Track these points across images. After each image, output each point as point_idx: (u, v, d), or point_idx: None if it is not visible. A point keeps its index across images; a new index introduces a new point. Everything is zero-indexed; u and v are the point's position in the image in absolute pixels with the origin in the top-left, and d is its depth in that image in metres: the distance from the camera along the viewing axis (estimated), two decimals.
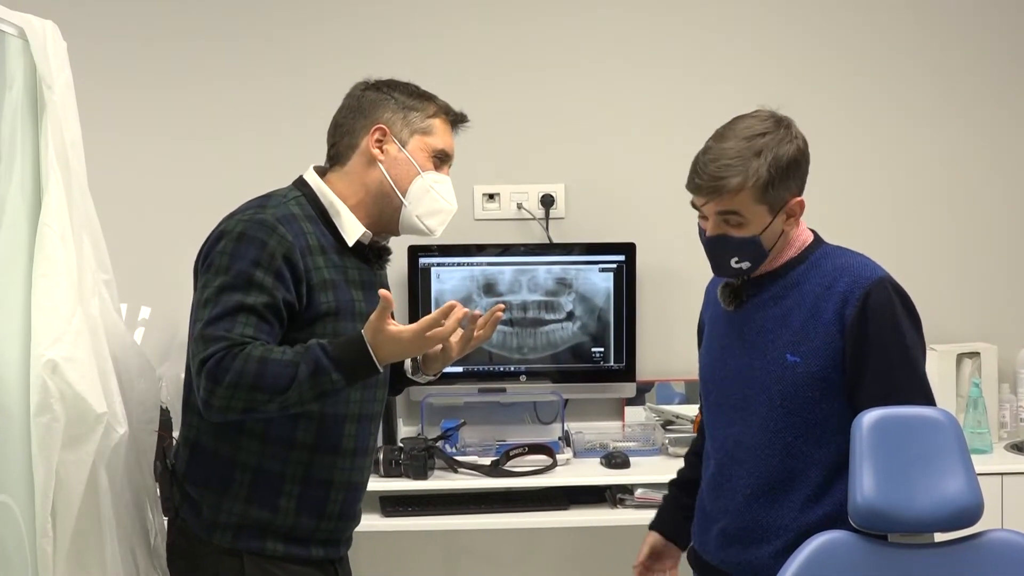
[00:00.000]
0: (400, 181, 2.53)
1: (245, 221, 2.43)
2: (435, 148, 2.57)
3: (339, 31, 4.02)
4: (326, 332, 2.44)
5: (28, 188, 2.44)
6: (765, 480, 2.48)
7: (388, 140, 2.53)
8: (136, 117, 4.02)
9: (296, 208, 2.49)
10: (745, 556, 2.52)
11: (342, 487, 2.54)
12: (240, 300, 2.36)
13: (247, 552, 2.47)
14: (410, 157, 2.54)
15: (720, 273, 2.55)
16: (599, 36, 4.11)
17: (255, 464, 2.47)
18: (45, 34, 2.45)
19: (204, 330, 2.36)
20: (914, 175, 4.17)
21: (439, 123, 2.58)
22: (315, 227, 2.49)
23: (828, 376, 2.43)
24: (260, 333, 2.37)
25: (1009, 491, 3.63)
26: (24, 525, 2.37)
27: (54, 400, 2.34)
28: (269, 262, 2.39)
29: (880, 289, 2.43)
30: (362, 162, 2.54)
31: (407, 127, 2.54)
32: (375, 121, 2.54)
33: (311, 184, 2.56)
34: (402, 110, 2.55)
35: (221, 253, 2.41)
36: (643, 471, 3.67)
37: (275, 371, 2.32)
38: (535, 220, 4.08)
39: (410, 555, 4.07)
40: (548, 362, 3.97)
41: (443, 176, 2.59)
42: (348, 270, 2.53)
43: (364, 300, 2.54)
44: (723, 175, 2.40)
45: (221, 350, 2.33)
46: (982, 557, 2.33)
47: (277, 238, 2.40)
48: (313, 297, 2.44)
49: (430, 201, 2.56)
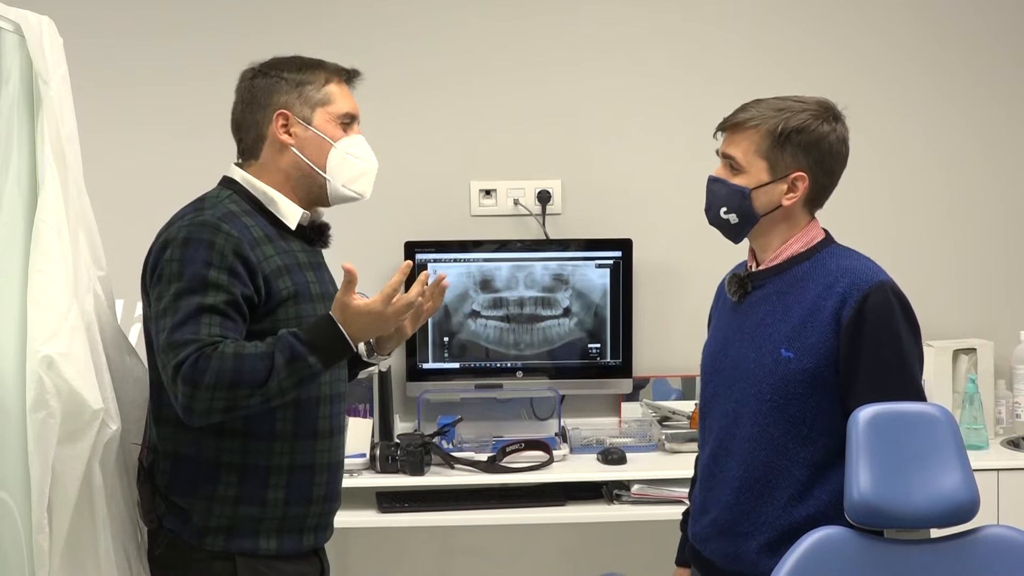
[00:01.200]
0: (317, 158, 2.54)
1: (187, 226, 2.43)
2: (339, 114, 2.56)
3: (337, 28, 4.02)
4: (288, 317, 2.45)
5: (24, 184, 2.44)
6: (752, 474, 2.49)
7: (292, 122, 2.53)
8: (133, 113, 4.01)
9: (232, 205, 2.50)
10: (732, 548, 2.52)
11: (324, 469, 2.55)
12: (199, 302, 2.35)
13: (240, 554, 2.46)
14: (318, 132, 2.54)
15: (710, 219, 2.58)
16: (596, 33, 4.11)
17: (239, 462, 2.46)
18: (41, 30, 2.45)
19: (170, 337, 2.34)
20: (911, 173, 4.17)
21: (335, 88, 2.56)
22: (254, 219, 2.50)
23: (821, 374, 2.44)
24: (226, 331, 2.36)
25: (1005, 487, 3.63)
26: (20, 521, 2.37)
27: (50, 396, 2.34)
28: (220, 260, 2.38)
29: (880, 292, 2.43)
30: (273, 150, 2.55)
31: (306, 104, 2.53)
32: (274, 108, 2.53)
33: (238, 180, 2.56)
34: (295, 88, 2.54)
35: (170, 261, 2.40)
36: (639, 467, 3.67)
37: (252, 365, 2.31)
38: (532, 216, 4.08)
39: (406, 551, 4.08)
40: (545, 358, 3.97)
41: (355, 138, 2.58)
42: (296, 254, 2.54)
43: (317, 281, 2.56)
44: (739, 111, 2.52)
45: (193, 352, 2.31)
46: (978, 553, 2.34)
47: (223, 236, 2.40)
48: (271, 285, 2.45)
49: (350, 168, 2.56)
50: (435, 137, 4.08)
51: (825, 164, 2.51)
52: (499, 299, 3.94)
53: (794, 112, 2.48)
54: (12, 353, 2.37)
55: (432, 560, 4.14)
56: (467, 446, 3.79)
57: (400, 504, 3.60)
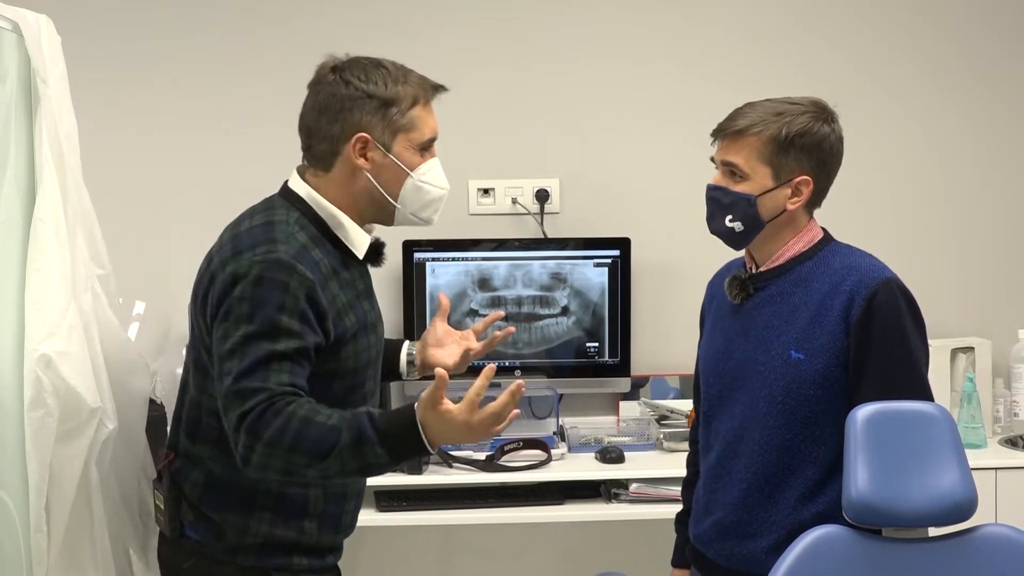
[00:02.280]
0: (390, 186, 2.40)
1: (260, 263, 2.27)
2: (421, 142, 2.41)
3: (335, 26, 4.01)
4: (348, 355, 2.37)
5: (23, 182, 2.44)
6: (762, 475, 2.49)
7: (371, 147, 2.37)
8: (132, 111, 4.01)
9: (302, 235, 2.34)
10: (738, 549, 2.52)
11: (353, 497, 2.53)
12: (270, 348, 2.23)
13: (274, 569, 2.41)
14: (396, 161, 2.38)
15: (714, 228, 2.55)
16: (595, 31, 4.11)
17: (277, 491, 2.39)
18: (39, 28, 2.45)
19: (238, 384, 2.22)
20: (910, 172, 4.17)
21: (420, 111, 2.40)
22: (322, 248, 2.37)
23: (831, 374, 2.44)
24: (296, 378, 2.24)
25: (1003, 486, 3.63)
26: (18, 519, 2.37)
27: (48, 395, 2.34)
28: (294, 305, 2.25)
29: (887, 290, 2.43)
30: (347, 171, 2.39)
31: (388, 128, 2.36)
32: (354, 128, 2.36)
33: (304, 197, 2.41)
34: (379, 109, 2.36)
35: (240, 299, 2.26)
36: (638, 466, 3.67)
37: (318, 434, 2.19)
38: (530, 215, 4.07)
39: (405, 550, 4.07)
40: (543, 357, 3.96)
41: (431, 163, 2.44)
42: (356, 283, 2.44)
43: (371, 309, 2.48)
44: (736, 117, 2.48)
45: (262, 403, 2.20)
46: (976, 552, 2.34)
47: (298, 278, 2.27)
48: (339, 325, 2.34)
49: (422, 196, 2.43)
50: None
51: (826, 165, 2.50)
52: (497, 298, 3.94)
53: (794, 116, 2.46)
54: (10, 352, 2.37)
55: (430, 559, 4.14)
56: (465, 445, 3.78)
57: (398, 503, 3.60)
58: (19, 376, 2.36)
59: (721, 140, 2.52)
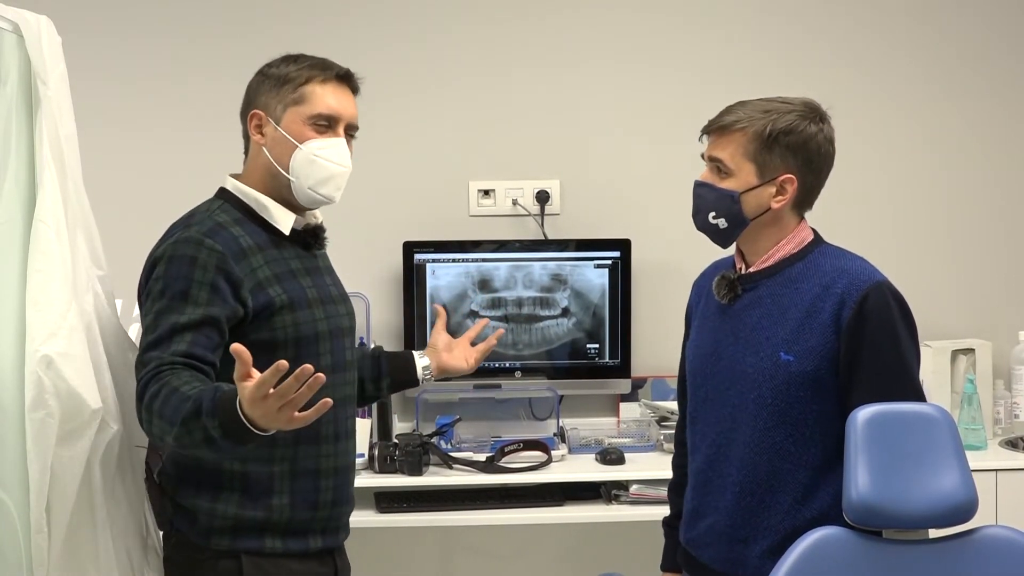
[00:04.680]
0: (281, 159, 2.50)
1: (172, 243, 2.42)
2: (311, 115, 2.50)
3: (333, 28, 4.02)
4: (285, 325, 2.45)
5: (23, 184, 2.43)
6: (754, 478, 2.48)
7: (264, 122, 2.51)
8: (132, 112, 4.01)
9: (222, 215, 2.49)
10: (733, 554, 2.51)
11: (330, 474, 2.54)
12: (175, 320, 2.34)
13: (245, 552, 2.46)
14: (285, 133, 2.49)
15: (699, 224, 2.56)
16: (595, 33, 4.11)
17: (240, 469, 2.45)
18: (40, 29, 2.45)
19: (141, 356, 2.36)
20: (910, 173, 4.18)
21: (314, 87, 2.50)
22: (246, 228, 2.48)
23: (821, 377, 2.43)
24: (195, 347, 2.33)
25: (1003, 487, 3.63)
26: (19, 521, 2.37)
27: (49, 396, 2.34)
28: (203, 276, 2.38)
29: (878, 293, 2.42)
30: (254, 151, 2.55)
31: (280, 103, 2.50)
32: (252, 107, 2.53)
33: (230, 188, 2.55)
34: (276, 87, 2.51)
35: (155, 279, 2.41)
36: (638, 467, 3.67)
37: (176, 402, 2.23)
38: (530, 216, 4.08)
39: (405, 551, 4.07)
40: (543, 358, 3.97)
41: (329, 140, 2.51)
42: (289, 260, 2.52)
43: (314, 286, 2.54)
44: (725, 113, 2.49)
45: (151, 371, 2.31)
46: (976, 553, 2.34)
47: (205, 251, 2.39)
48: (262, 295, 2.43)
49: (318, 170, 2.50)
50: (433, 137, 4.08)
51: (813, 165, 2.50)
52: (497, 299, 3.94)
53: (781, 114, 2.46)
54: (11, 353, 2.37)
55: (431, 560, 4.14)
56: (465, 446, 3.79)
57: (399, 504, 3.60)
58: (20, 377, 2.35)
59: (709, 136, 2.53)
